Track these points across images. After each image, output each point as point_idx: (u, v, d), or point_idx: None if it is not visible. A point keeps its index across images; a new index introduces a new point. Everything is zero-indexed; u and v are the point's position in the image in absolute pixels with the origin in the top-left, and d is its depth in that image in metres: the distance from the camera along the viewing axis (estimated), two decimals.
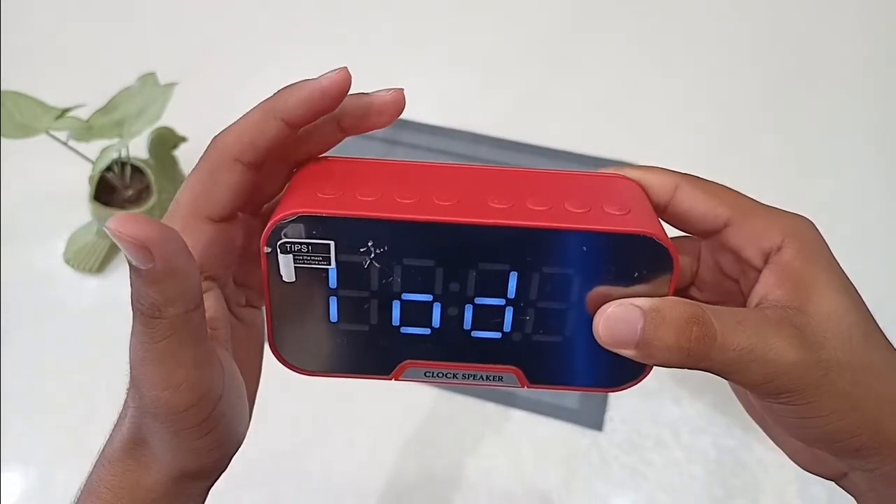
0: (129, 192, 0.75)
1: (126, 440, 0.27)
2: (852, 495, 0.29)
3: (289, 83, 0.28)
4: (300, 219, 0.26)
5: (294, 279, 0.27)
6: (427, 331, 0.28)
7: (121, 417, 0.27)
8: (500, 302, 0.28)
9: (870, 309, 0.28)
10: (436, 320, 0.28)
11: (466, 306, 0.28)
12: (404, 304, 0.28)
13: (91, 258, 0.75)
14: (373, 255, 0.27)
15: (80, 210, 0.77)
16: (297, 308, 0.28)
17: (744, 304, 0.29)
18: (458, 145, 0.86)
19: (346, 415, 0.69)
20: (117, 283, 0.76)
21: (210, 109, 0.89)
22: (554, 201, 0.27)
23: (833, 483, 0.30)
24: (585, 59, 0.94)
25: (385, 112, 0.30)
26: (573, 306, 0.28)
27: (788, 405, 0.26)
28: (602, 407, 0.69)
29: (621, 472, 0.66)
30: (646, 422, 0.68)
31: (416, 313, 0.28)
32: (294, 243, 0.26)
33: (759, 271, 0.28)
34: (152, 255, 0.23)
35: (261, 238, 0.27)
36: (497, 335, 0.28)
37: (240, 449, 0.31)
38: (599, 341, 0.26)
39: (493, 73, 0.93)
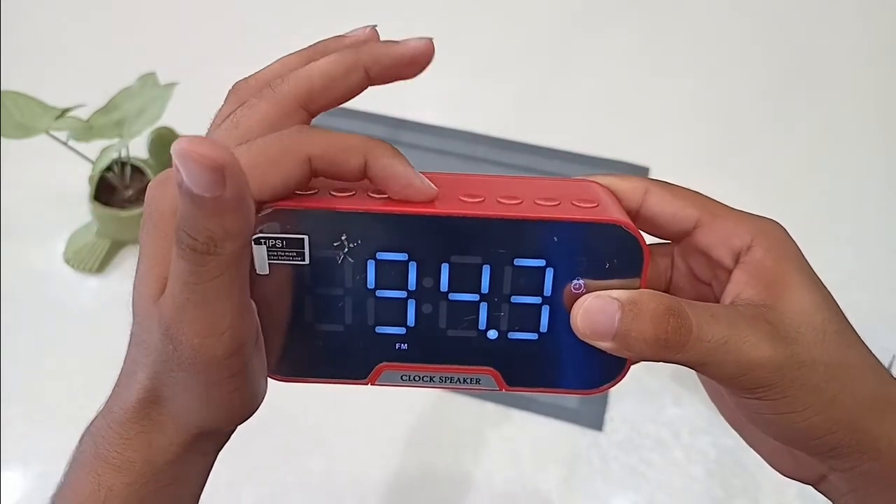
0: (129, 192, 0.75)
1: (139, 400, 0.26)
2: (832, 499, 0.29)
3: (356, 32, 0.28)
4: (274, 212, 0.26)
5: (267, 272, 0.27)
6: (402, 330, 0.28)
7: (126, 377, 0.26)
8: (474, 298, 0.28)
9: (869, 306, 0.28)
10: (410, 318, 0.28)
11: (440, 303, 0.28)
12: (378, 301, 0.28)
13: (91, 258, 0.75)
14: (346, 250, 0.27)
15: (80, 210, 0.77)
16: (272, 306, 0.28)
17: None
18: (458, 145, 0.86)
19: (346, 414, 0.69)
20: (117, 283, 0.76)
21: (210, 109, 0.89)
22: (525, 197, 0.27)
23: None
24: (585, 58, 0.94)
25: (415, 63, 0.28)
26: (547, 301, 0.28)
27: (763, 400, 0.26)
28: (602, 407, 0.69)
29: (621, 472, 0.66)
30: (646, 422, 0.68)
31: (390, 311, 0.28)
32: (268, 238, 0.26)
33: (730, 272, 0.28)
34: (225, 181, 0.21)
35: None
36: (472, 333, 0.28)
37: (240, 449, 0.31)
38: (577, 333, 0.26)
39: (493, 73, 0.93)
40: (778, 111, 0.90)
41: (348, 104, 0.30)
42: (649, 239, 0.29)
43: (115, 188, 0.75)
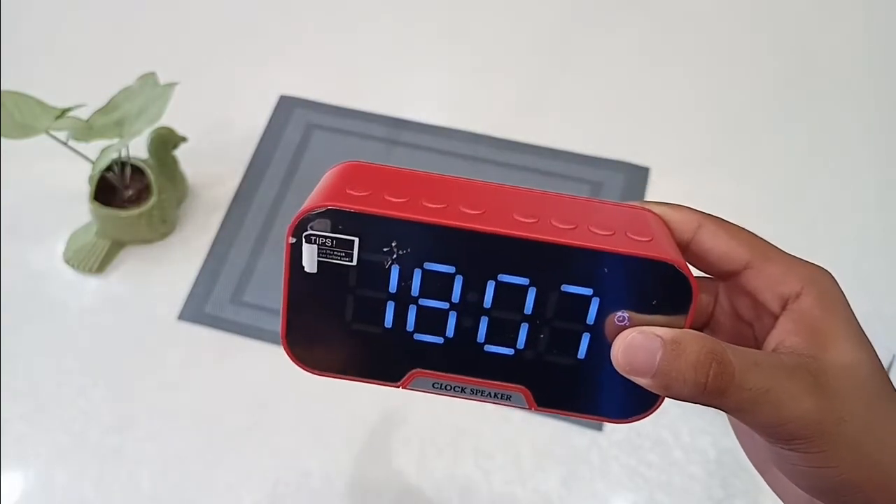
0: (129, 192, 0.75)
1: None
2: None
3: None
4: (328, 212, 0.26)
5: (315, 271, 0.27)
6: (440, 340, 0.28)
7: None
8: (517, 317, 0.28)
9: (869, 306, 0.28)
10: (450, 330, 0.28)
11: (482, 318, 0.28)
12: (420, 309, 0.28)
13: (91, 258, 0.75)
14: (395, 256, 0.27)
15: (80, 210, 0.77)
16: (314, 303, 0.28)
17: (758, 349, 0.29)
18: (458, 145, 0.86)
19: (346, 414, 0.69)
20: (117, 283, 0.76)
21: (210, 109, 0.89)
22: (579, 222, 0.27)
23: None
24: (586, 58, 0.94)
25: None
26: (588, 329, 0.27)
27: (799, 452, 0.25)
28: None
29: (621, 472, 0.66)
30: (646, 422, 0.68)
31: (431, 320, 0.28)
32: (319, 236, 0.27)
33: (776, 317, 0.28)
34: None
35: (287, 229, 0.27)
36: (510, 351, 0.28)
37: (239, 449, 0.31)
38: (616, 366, 0.26)
39: (494, 72, 0.93)
40: (778, 111, 0.90)
41: (348, 103, 0.30)
42: (695, 272, 0.29)
43: (115, 188, 0.75)
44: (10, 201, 0.81)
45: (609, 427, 0.68)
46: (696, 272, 0.29)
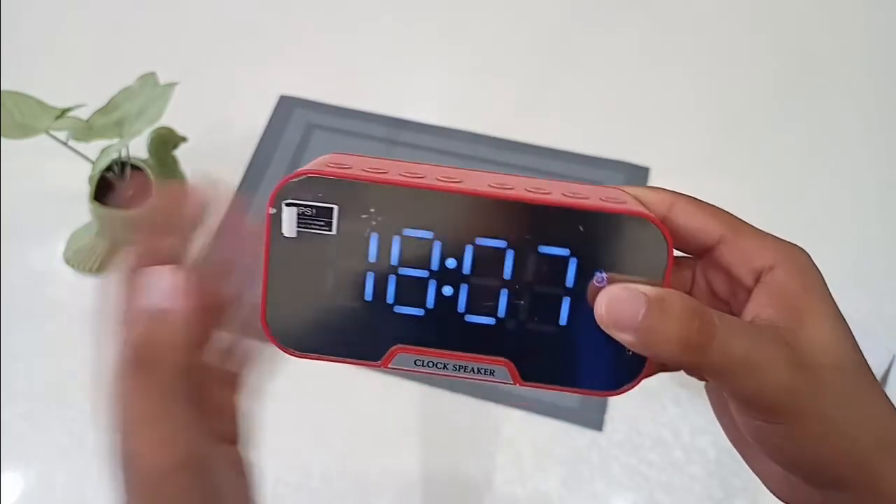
0: (129, 192, 0.75)
1: None
2: None
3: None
4: (307, 179, 0.27)
5: (295, 235, 0.27)
6: (421, 311, 0.28)
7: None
8: (496, 283, 0.28)
9: (868, 306, 0.28)
10: (430, 300, 0.28)
11: (462, 286, 0.28)
12: (400, 279, 0.28)
13: (91, 258, 0.75)
14: (374, 223, 0.27)
15: (80, 210, 0.77)
16: (294, 277, 0.28)
17: None
18: (458, 145, 0.86)
19: (346, 414, 0.69)
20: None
21: (210, 109, 0.89)
22: (554, 190, 0.28)
23: None
24: (586, 58, 0.94)
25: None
26: (568, 293, 0.28)
27: (773, 424, 0.25)
28: (602, 407, 0.69)
29: (621, 472, 0.66)
30: (646, 422, 0.68)
31: (411, 291, 0.28)
32: (299, 204, 0.27)
33: (750, 291, 0.28)
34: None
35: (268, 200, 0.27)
36: (491, 321, 0.28)
37: (241, 448, 0.31)
38: (599, 321, 0.26)
39: (494, 72, 0.93)
40: (778, 111, 0.90)
41: (348, 103, 0.31)
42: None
43: (115, 188, 0.75)
44: (10, 201, 0.81)
45: (609, 427, 0.68)
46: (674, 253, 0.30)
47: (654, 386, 0.70)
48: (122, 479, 0.27)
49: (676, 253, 0.30)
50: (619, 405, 0.69)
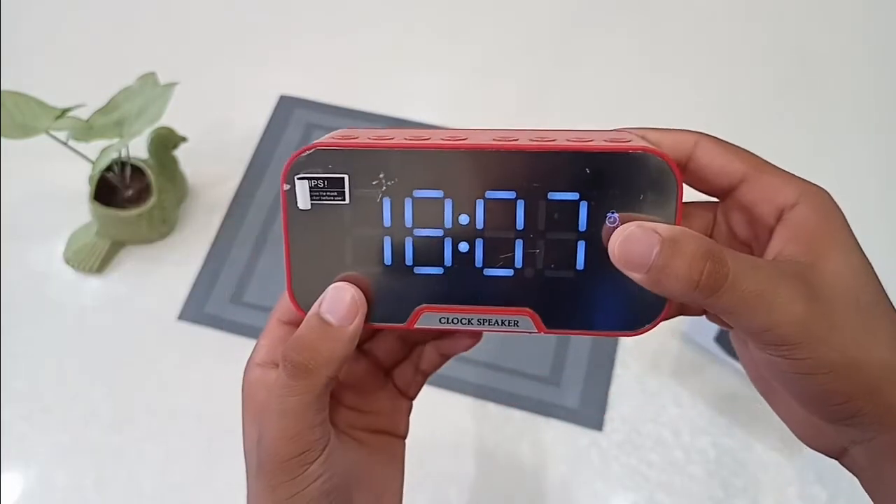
0: (129, 192, 0.75)
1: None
2: (853, 473, 0.29)
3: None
4: (316, 152, 0.27)
5: (309, 208, 0.28)
6: (440, 270, 0.29)
7: None
8: (510, 234, 0.28)
9: None
10: (447, 258, 0.28)
11: (477, 241, 0.28)
12: (416, 241, 0.28)
13: (91, 258, 0.75)
14: (384, 188, 0.28)
15: (80, 210, 0.77)
16: (314, 248, 0.29)
17: None
18: None
19: None
20: (117, 283, 0.76)
21: (210, 109, 0.89)
22: (559, 137, 0.28)
23: (834, 483, 0.30)
24: (586, 58, 0.94)
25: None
26: (582, 237, 0.28)
27: (788, 359, 0.25)
28: (602, 407, 0.69)
29: (621, 472, 0.66)
30: (646, 422, 0.68)
31: (428, 251, 0.28)
32: (310, 177, 0.28)
33: (771, 231, 0.28)
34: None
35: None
36: (509, 272, 0.28)
37: (239, 449, 0.31)
38: (612, 258, 0.26)
39: (494, 72, 0.93)
40: (778, 111, 0.90)
41: (348, 103, 0.32)
42: (696, 196, 0.29)
43: (115, 188, 0.75)
44: (10, 201, 0.81)
45: (609, 427, 0.68)
46: (696, 196, 0.29)
47: (654, 386, 0.70)
48: (254, 464, 0.30)
49: (700, 196, 0.30)
50: (619, 405, 0.69)
